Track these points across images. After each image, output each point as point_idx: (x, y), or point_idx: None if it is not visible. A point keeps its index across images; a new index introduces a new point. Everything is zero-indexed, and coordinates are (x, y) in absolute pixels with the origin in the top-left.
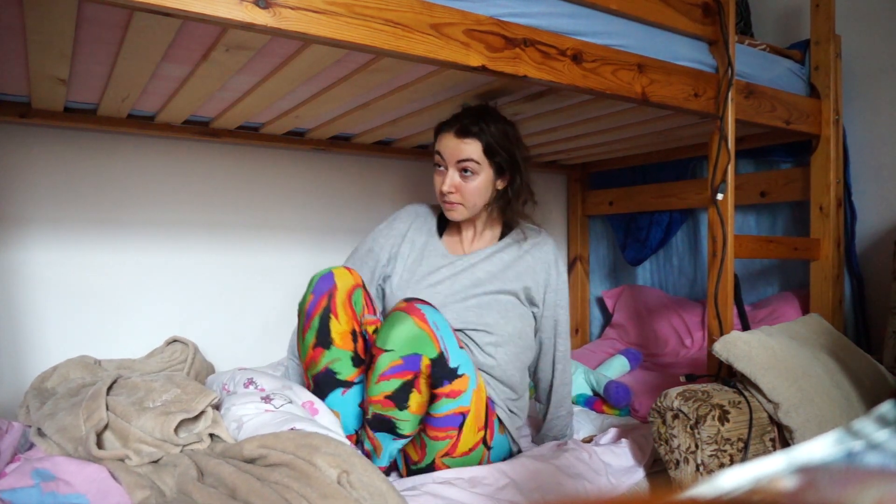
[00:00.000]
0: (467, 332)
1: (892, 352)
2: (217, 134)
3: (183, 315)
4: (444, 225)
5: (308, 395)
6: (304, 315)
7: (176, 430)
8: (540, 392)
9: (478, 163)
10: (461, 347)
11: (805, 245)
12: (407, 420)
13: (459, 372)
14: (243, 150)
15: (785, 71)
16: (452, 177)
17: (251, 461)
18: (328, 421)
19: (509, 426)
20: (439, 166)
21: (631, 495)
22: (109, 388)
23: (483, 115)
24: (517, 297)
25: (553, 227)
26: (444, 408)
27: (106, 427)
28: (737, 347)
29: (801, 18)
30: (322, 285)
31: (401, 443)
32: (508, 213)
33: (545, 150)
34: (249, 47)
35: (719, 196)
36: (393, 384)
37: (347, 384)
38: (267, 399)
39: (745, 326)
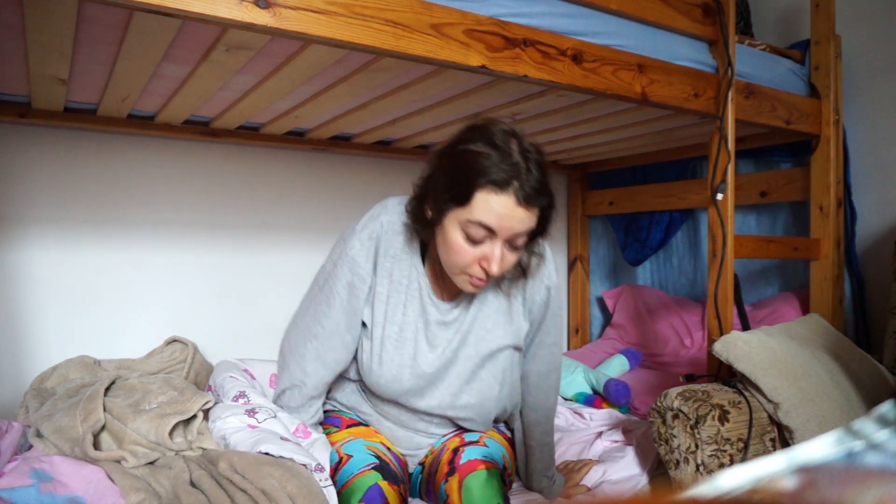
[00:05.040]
0: (451, 416)
1: (892, 352)
2: (217, 134)
3: (183, 315)
4: (423, 249)
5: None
6: None
7: (171, 433)
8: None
9: (527, 235)
10: None
11: (805, 245)
12: None
13: None
14: (243, 150)
15: (785, 71)
16: (503, 252)
17: (226, 478)
18: (320, 446)
19: None
20: (475, 239)
21: (631, 495)
22: (107, 389)
23: (545, 170)
24: (514, 349)
25: (553, 227)
26: None
27: (103, 428)
28: (737, 347)
29: (801, 18)
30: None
31: None
32: None
33: (545, 150)
34: (249, 47)
35: (719, 196)
36: None
37: None
38: (251, 412)
39: (745, 326)
